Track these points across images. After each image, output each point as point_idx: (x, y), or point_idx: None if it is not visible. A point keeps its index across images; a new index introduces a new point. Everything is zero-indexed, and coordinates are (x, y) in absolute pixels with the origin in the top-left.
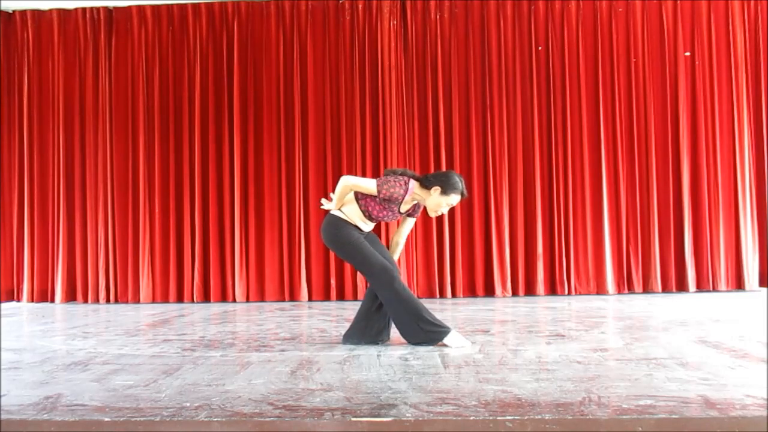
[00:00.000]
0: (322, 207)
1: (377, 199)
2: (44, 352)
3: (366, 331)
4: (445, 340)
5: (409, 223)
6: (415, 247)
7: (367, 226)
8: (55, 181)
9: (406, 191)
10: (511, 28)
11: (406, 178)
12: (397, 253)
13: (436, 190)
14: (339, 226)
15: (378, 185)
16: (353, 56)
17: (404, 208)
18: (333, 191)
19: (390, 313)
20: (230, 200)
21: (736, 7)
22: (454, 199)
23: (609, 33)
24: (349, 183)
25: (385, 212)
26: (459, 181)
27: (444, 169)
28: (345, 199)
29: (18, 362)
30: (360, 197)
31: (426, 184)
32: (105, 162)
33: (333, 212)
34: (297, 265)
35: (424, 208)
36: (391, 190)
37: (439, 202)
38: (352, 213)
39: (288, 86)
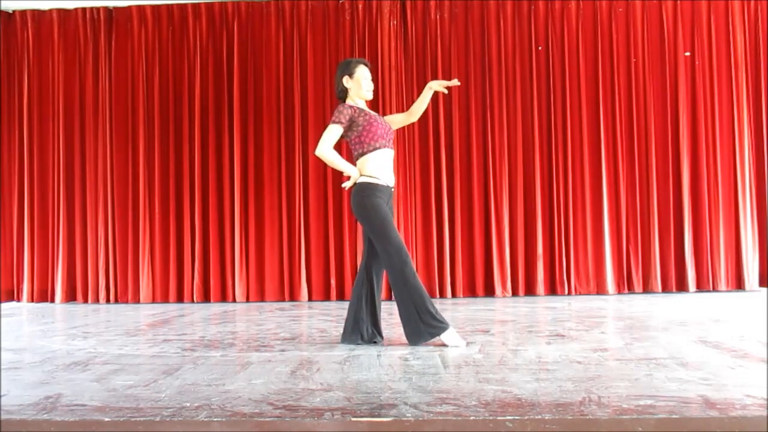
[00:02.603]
0: (346, 187)
1: (356, 131)
2: (44, 352)
3: (360, 327)
4: (442, 337)
5: (393, 115)
6: (415, 246)
7: (391, 175)
8: (55, 181)
9: (350, 106)
10: (511, 28)
11: (339, 104)
12: (417, 103)
13: (347, 82)
14: (365, 193)
15: (335, 122)
16: (353, 56)
17: (372, 112)
18: (345, 180)
19: (395, 296)
20: (230, 200)
21: (736, 7)
22: (360, 70)
23: (609, 33)
24: (323, 149)
25: (374, 128)
26: (349, 59)
27: (444, 169)
28: (358, 164)
29: (18, 362)
30: (355, 150)
31: (340, 92)
32: (105, 162)
33: (359, 180)
34: (297, 265)
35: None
36: (343, 113)
37: (357, 84)
38: (372, 165)
39: (288, 86)
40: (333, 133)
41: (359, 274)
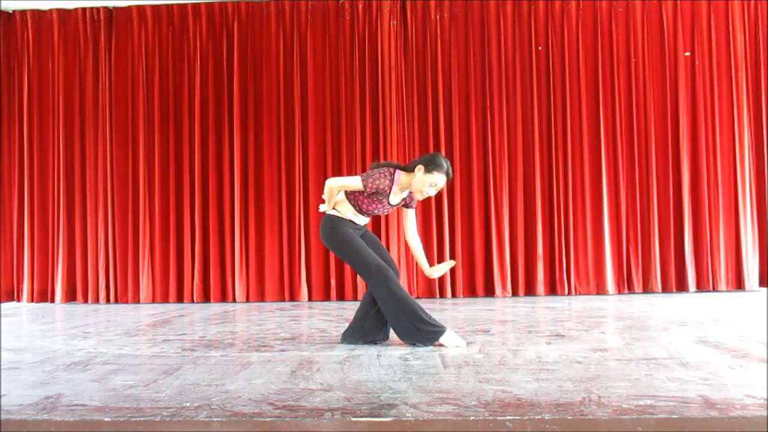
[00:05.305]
0: (320, 210)
1: (365, 193)
2: (44, 352)
3: (364, 330)
4: (441, 340)
5: (410, 216)
6: None
7: (362, 220)
8: (55, 181)
9: (392, 182)
10: (511, 28)
11: (391, 169)
12: (418, 252)
13: (419, 170)
14: (334, 224)
15: (363, 180)
16: (353, 56)
17: (395, 200)
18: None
19: (385, 313)
20: (230, 200)
21: (736, 7)
22: (439, 178)
23: (609, 33)
24: (334, 185)
25: (374, 205)
26: (443, 161)
27: None
28: (337, 198)
29: (18, 362)
30: (349, 193)
31: (410, 167)
32: (105, 162)
33: (328, 212)
34: (297, 265)
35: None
36: (377, 182)
37: (423, 182)
38: (345, 209)
39: (288, 86)
40: (353, 185)
41: None
